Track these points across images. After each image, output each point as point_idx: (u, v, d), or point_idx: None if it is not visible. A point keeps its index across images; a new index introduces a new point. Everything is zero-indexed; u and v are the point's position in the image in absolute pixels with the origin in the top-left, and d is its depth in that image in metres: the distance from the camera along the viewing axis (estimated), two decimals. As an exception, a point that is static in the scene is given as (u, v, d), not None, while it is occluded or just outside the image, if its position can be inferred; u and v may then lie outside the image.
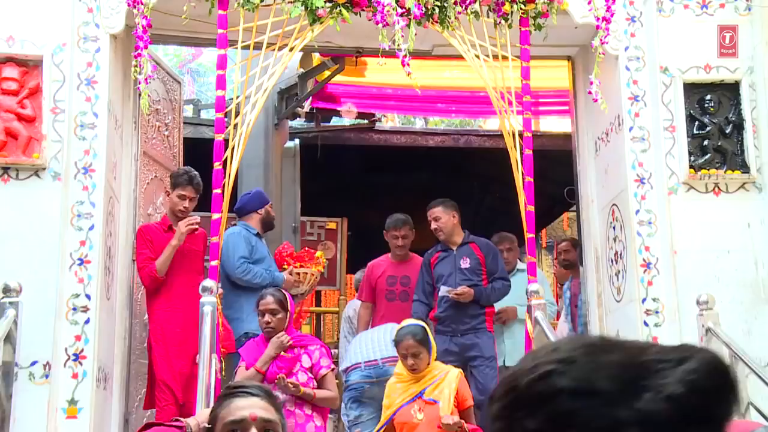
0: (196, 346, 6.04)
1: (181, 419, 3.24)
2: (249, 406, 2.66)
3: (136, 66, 6.00)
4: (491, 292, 6.99)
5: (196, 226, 6.32)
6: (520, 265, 7.89)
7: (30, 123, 5.91)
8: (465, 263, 7.05)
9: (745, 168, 6.43)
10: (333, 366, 6.07)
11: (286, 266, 7.22)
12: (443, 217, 7.16)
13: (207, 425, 2.79)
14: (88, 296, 5.85)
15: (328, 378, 5.89)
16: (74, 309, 5.82)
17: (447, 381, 5.61)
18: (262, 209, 7.30)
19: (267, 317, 5.81)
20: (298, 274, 7.21)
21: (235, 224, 7.42)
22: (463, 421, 5.39)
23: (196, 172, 6.78)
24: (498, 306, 7.21)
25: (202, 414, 3.86)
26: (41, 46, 6.00)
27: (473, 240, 7.24)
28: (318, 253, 7.51)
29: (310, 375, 5.81)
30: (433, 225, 7.24)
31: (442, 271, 7.13)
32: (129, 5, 6.00)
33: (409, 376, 5.65)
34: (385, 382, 6.00)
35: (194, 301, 6.11)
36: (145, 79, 5.99)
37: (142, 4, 5.95)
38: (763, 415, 5.29)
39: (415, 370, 5.55)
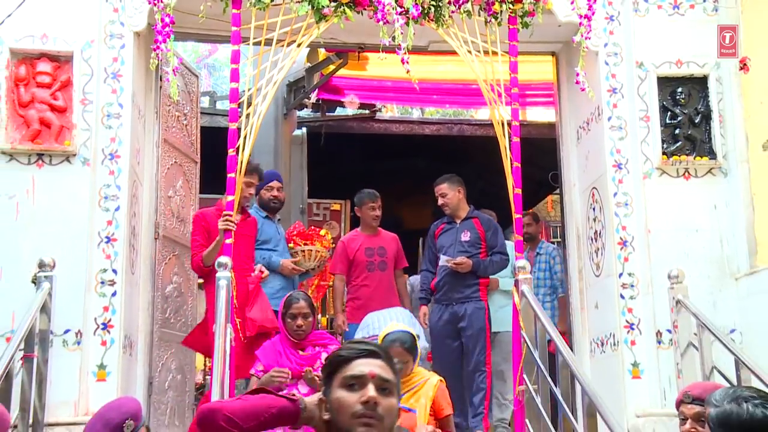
0: (246, 325, 6.26)
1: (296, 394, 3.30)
2: (369, 365, 2.56)
3: (154, 58, 6.04)
4: (489, 265, 6.98)
5: (233, 227, 5.97)
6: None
7: (62, 113, 5.95)
8: (465, 236, 7.06)
9: (712, 155, 6.49)
10: None
11: (293, 245, 7.20)
12: (449, 193, 7.18)
13: (321, 397, 2.65)
14: (114, 271, 5.92)
15: None
16: (102, 283, 5.89)
17: (424, 390, 5.35)
18: (260, 193, 7.29)
19: (300, 320, 5.54)
20: (304, 252, 7.12)
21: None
22: (439, 430, 5.15)
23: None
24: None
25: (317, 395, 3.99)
26: (72, 42, 6.04)
27: (476, 215, 7.25)
28: (322, 231, 7.45)
29: None
30: (440, 201, 7.27)
31: (443, 242, 7.17)
32: (151, 3, 6.02)
33: None
34: None
35: (245, 282, 6.35)
36: (173, 70, 6.05)
37: (162, 2, 6.01)
38: (725, 378, 5.34)
39: None
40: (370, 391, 2.44)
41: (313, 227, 7.92)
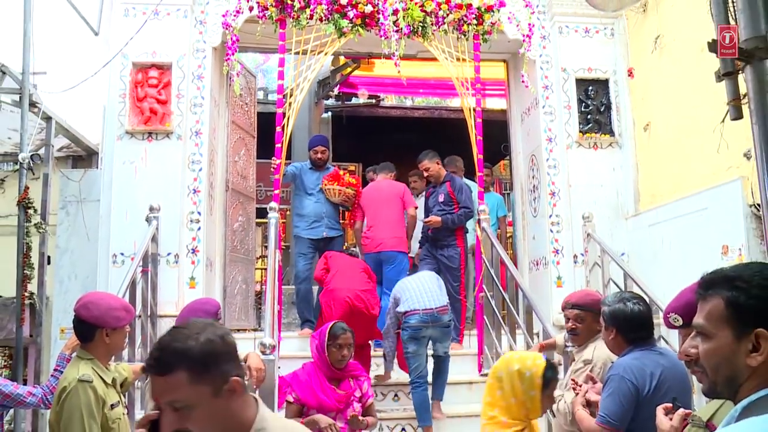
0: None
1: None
2: (154, 390, 1.69)
3: (226, 66, 6.28)
4: (455, 218, 6.42)
5: None
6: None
7: (163, 104, 6.13)
8: (441, 198, 6.59)
9: (612, 133, 6.66)
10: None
11: (322, 187, 6.78)
12: (431, 166, 6.69)
13: None
14: (198, 213, 6.11)
15: (373, 406, 4.33)
16: (191, 221, 6.09)
17: None
18: (309, 154, 7.03)
19: (345, 351, 4.19)
20: (329, 189, 6.69)
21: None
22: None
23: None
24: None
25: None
26: (171, 56, 6.22)
27: (449, 179, 6.66)
28: (341, 172, 7.00)
29: (359, 403, 4.24)
30: (425, 174, 6.82)
31: (430, 203, 6.75)
32: (224, 27, 6.24)
33: None
34: (437, 325, 5.25)
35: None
36: (237, 73, 6.24)
37: (231, 27, 6.22)
38: (617, 285, 5.62)
39: None
40: None
41: (339, 171, 7.18)
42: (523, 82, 6.60)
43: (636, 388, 2.86)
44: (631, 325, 3.03)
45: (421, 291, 5.42)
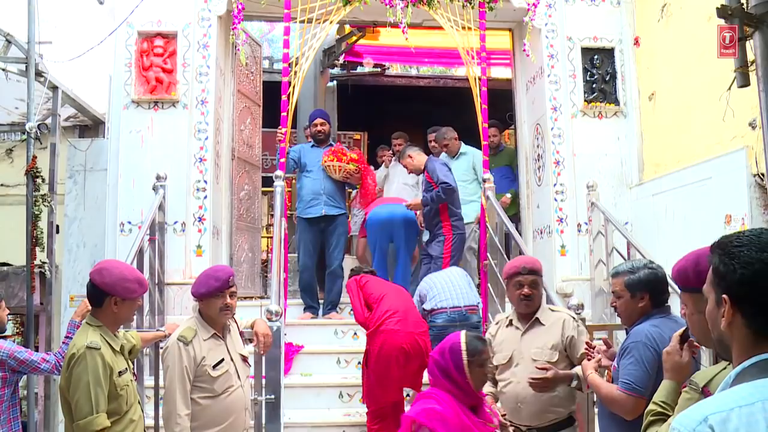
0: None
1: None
2: None
3: (232, 35, 6.23)
4: (433, 195, 5.93)
5: None
6: (463, 148, 7.15)
7: (169, 73, 6.16)
8: (423, 186, 6.26)
9: (616, 102, 6.65)
10: None
11: (322, 163, 6.42)
12: (406, 163, 6.29)
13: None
14: (205, 181, 6.15)
15: None
16: (197, 189, 6.14)
17: None
18: (308, 129, 6.86)
19: (490, 363, 3.29)
20: (330, 167, 6.33)
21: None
22: None
23: None
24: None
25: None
26: (176, 24, 6.23)
27: (426, 166, 6.15)
28: (349, 152, 6.56)
29: None
30: (408, 172, 6.46)
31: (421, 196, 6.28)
32: None
33: None
34: (466, 325, 4.68)
35: None
36: (242, 42, 6.22)
37: (236, -7, 6.19)
38: (620, 254, 5.53)
39: None
40: None
41: (343, 148, 6.77)
42: (524, 51, 6.57)
43: (659, 356, 2.80)
44: (662, 288, 3.01)
45: (449, 287, 5.04)
